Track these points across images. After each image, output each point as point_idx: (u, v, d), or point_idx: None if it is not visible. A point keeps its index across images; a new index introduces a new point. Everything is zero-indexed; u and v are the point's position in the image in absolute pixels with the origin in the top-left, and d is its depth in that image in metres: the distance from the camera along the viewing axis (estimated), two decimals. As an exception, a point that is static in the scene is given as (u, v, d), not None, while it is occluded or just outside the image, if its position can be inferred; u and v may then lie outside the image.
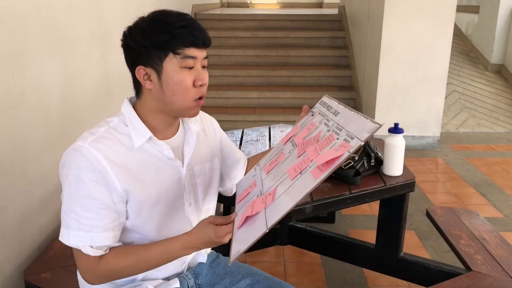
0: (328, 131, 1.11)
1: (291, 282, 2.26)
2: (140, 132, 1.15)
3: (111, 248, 1.12)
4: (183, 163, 1.24)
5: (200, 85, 1.15)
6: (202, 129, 1.33)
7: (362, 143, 0.93)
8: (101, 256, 1.10)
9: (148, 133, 1.16)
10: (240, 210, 1.15)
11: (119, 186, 1.09)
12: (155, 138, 1.17)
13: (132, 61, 1.15)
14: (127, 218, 1.15)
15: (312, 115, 1.32)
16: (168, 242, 1.12)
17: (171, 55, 1.10)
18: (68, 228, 1.09)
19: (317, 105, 1.36)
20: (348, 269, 2.53)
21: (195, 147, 1.26)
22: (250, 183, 1.26)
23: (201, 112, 1.40)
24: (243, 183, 1.33)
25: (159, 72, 1.12)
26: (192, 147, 1.25)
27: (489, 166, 4.19)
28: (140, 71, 1.13)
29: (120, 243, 1.15)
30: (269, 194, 1.08)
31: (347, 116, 1.09)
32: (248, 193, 1.19)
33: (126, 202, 1.13)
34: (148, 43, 1.10)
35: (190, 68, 1.12)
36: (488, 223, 2.15)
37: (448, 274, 2.06)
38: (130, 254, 1.12)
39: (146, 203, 1.15)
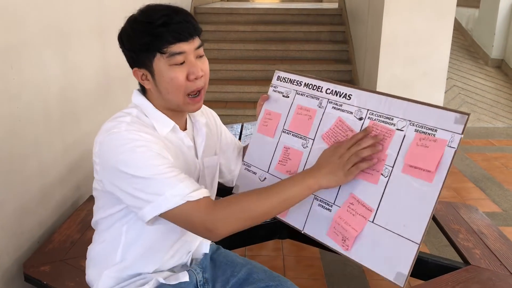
0: (360, 118, 1.09)
1: (290, 276, 2.27)
2: (163, 122, 1.16)
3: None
4: (196, 155, 1.25)
5: (195, 78, 1.12)
6: (206, 122, 1.34)
7: (462, 136, 0.94)
8: (210, 199, 1.06)
9: (172, 122, 1.16)
10: (316, 228, 1.14)
11: (167, 154, 1.09)
12: (177, 126, 1.18)
13: (128, 63, 1.16)
14: None
15: (285, 96, 1.29)
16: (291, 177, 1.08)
17: (158, 55, 1.09)
18: (159, 194, 1.02)
19: (277, 82, 1.33)
20: (347, 263, 2.53)
21: (206, 137, 1.28)
22: None
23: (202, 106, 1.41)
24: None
25: (152, 73, 1.12)
26: (203, 138, 1.26)
27: (489, 161, 4.19)
28: (137, 72, 1.14)
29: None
30: (352, 204, 1.06)
31: (381, 101, 1.07)
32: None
33: None
34: (134, 47, 1.11)
35: (181, 63, 1.10)
36: (487, 217, 2.15)
37: (446, 268, 2.06)
38: (250, 194, 1.07)
39: None
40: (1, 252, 1.73)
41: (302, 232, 1.18)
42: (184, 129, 1.25)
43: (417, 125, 0.99)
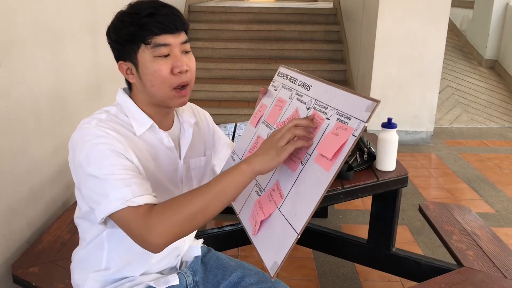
0: (308, 108, 1.07)
1: (283, 276, 2.26)
2: (140, 121, 1.14)
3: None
4: (180, 156, 1.23)
5: (179, 72, 1.09)
6: (196, 122, 1.32)
7: (366, 124, 0.88)
8: (151, 205, 0.99)
9: (150, 121, 1.15)
10: (245, 213, 1.12)
11: (132, 155, 1.07)
12: (156, 126, 1.16)
13: (115, 57, 1.15)
14: None
15: (276, 90, 1.29)
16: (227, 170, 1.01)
17: (142, 46, 1.08)
18: (106, 196, 0.99)
19: (276, 77, 1.32)
20: (340, 264, 2.53)
21: (190, 141, 1.25)
22: None
23: (193, 106, 1.39)
24: None
25: (136, 65, 1.10)
26: (188, 140, 1.24)
27: (482, 161, 4.20)
28: (122, 66, 1.13)
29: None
30: (273, 191, 1.04)
31: (326, 90, 1.03)
32: None
33: None
34: (119, 38, 1.10)
35: (166, 56, 1.08)
36: (480, 218, 2.15)
37: (439, 269, 2.06)
38: (183, 194, 1.01)
39: None
40: (-11, 253, 1.70)
41: (237, 216, 1.16)
42: (169, 128, 1.23)
43: (340, 114, 0.95)
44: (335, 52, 6.05)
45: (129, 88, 1.20)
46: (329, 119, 0.98)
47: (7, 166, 1.80)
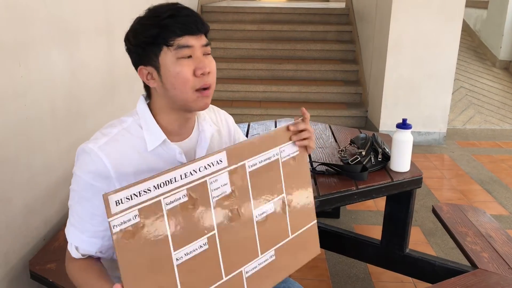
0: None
1: (295, 276, 2.26)
2: (154, 134, 1.12)
3: (87, 258, 1.13)
4: None
5: (202, 74, 1.08)
6: (217, 130, 1.28)
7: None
8: (74, 259, 1.13)
9: (162, 136, 1.12)
10: None
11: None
12: (168, 141, 1.13)
13: (134, 63, 1.13)
14: None
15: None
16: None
17: (165, 49, 1.06)
18: (69, 221, 1.13)
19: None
20: (352, 264, 2.52)
21: (208, 150, 1.21)
22: None
23: (215, 109, 1.36)
24: None
25: (158, 69, 1.08)
26: (204, 151, 1.21)
27: (496, 163, 4.16)
28: (142, 71, 1.11)
29: (104, 255, 1.15)
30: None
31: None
32: None
33: None
34: (140, 41, 1.08)
35: (188, 57, 1.07)
36: (495, 220, 2.13)
37: (453, 271, 2.05)
38: (83, 272, 1.12)
39: None
40: (8, 249, 1.73)
41: None
42: (187, 136, 1.20)
43: None
44: (347, 53, 6.03)
45: (148, 96, 1.18)
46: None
47: (25, 164, 1.83)
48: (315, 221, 1.30)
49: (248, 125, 2.68)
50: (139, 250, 0.89)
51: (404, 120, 1.94)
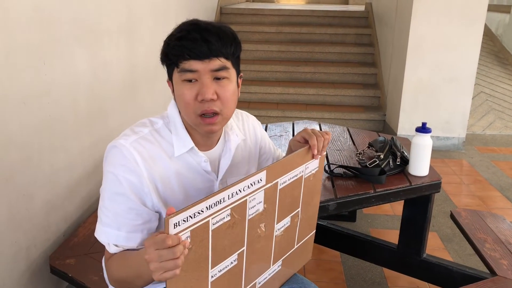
0: None
1: (310, 278, 2.26)
2: (183, 141, 1.12)
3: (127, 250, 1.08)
4: (217, 176, 1.19)
5: (203, 100, 1.05)
6: (244, 139, 1.28)
7: None
8: (111, 254, 1.09)
9: (191, 143, 1.12)
10: None
11: (153, 193, 1.07)
12: (196, 149, 1.13)
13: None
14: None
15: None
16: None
17: (176, 68, 1.07)
18: (101, 223, 1.08)
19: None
20: (368, 268, 2.51)
21: (232, 160, 1.21)
22: None
23: (244, 116, 1.35)
24: None
25: (172, 86, 1.12)
26: (228, 162, 1.20)
27: (516, 169, 4.10)
28: (169, 84, 1.14)
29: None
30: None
31: None
32: None
33: (157, 212, 1.10)
34: (161, 58, 1.11)
35: (193, 81, 1.05)
36: (515, 227, 2.10)
37: (471, 277, 2.03)
38: (122, 259, 1.07)
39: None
40: (29, 244, 1.77)
41: None
42: (212, 146, 1.20)
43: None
44: (366, 55, 6.00)
45: None
46: None
47: (48, 161, 1.87)
48: (314, 230, 1.34)
49: (266, 126, 2.69)
50: (184, 271, 0.87)
51: (424, 124, 1.92)
